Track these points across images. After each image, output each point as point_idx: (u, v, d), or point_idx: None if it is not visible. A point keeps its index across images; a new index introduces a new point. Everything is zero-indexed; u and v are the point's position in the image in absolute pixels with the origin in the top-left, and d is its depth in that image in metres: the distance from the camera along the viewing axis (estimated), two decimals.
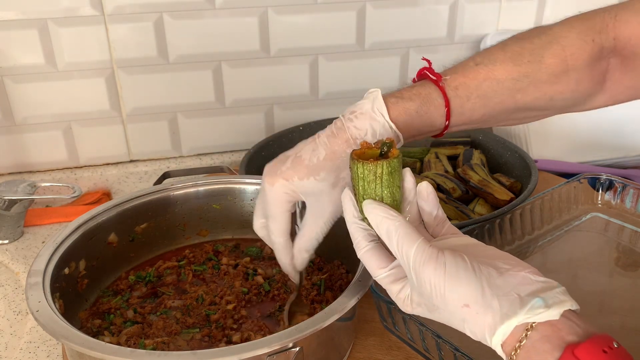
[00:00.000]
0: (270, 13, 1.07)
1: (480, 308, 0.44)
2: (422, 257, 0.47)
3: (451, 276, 0.45)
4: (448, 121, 0.61)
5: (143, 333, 0.65)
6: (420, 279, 0.47)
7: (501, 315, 0.43)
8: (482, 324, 0.44)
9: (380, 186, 0.51)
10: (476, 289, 0.45)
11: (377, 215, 0.50)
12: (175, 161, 1.13)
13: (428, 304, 0.48)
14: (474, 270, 0.46)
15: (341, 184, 0.58)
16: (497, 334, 0.44)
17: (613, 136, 1.14)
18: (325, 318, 0.55)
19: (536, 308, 0.43)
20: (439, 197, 0.89)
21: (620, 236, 0.88)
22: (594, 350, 0.40)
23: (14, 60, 0.99)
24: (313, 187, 0.58)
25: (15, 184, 0.92)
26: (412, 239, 0.48)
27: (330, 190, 0.58)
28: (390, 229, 0.49)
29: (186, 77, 1.08)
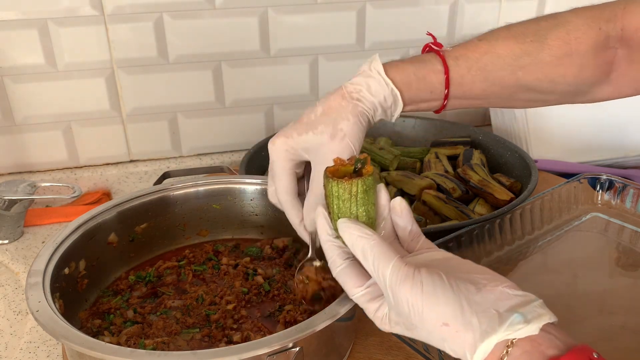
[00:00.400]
0: (270, 13, 1.07)
1: (459, 326, 0.44)
2: (398, 277, 0.46)
3: (429, 295, 0.45)
4: (447, 89, 0.62)
5: (143, 333, 0.65)
6: (397, 298, 0.46)
7: (481, 332, 0.43)
8: (462, 342, 0.44)
9: (355, 205, 0.51)
10: (455, 307, 0.44)
11: (351, 234, 0.50)
12: (175, 161, 1.13)
13: (406, 323, 0.48)
14: (451, 288, 0.45)
15: (340, 135, 0.59)
16: (477, 353, 0.43)
17: (613, 136, 1.14)
18: (325, 318, 0.55)
19: (515, 324, 0.43)
20: (439, 197, 0.90)
21: (620, 236, 0.88)
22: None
23: (14, 60, 0.99)
24: (312, 141, 0.60)
25: (15, 184, 0.92)
26: (387, 257, 0.47)
27: (329, 141, 0.59)
28: (366, 248, 0.49)
29: (186, 77, 1.08)
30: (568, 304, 0.74)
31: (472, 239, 0.80)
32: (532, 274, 0.80)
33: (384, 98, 0.61)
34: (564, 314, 0.72)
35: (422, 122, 1.16)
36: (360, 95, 0.60)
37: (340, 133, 0.59)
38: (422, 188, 0.94)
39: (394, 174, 0.99)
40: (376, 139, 1.14)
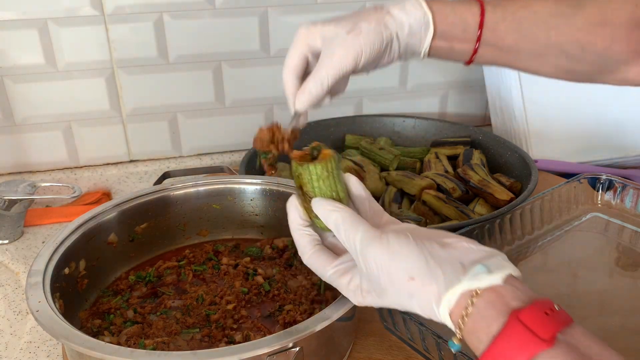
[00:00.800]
0: (270, 13, 1.07)
1: (425, 279, 0.46)
2: (366, 239, 0.49)
3: (395, 252, 0.48)
4: (480, 31, 0.62)
5: (143, 333, 0.65)
6: (366, 261, 0.49)
7: (445, 283, 0.45)
8: (428, 295, 0.46)
9: (334, 181, 0.55)
10: (420, 261, 0.47)
11: (325, 208, 0.53)
12: (175, 161, 1.14)
13: (377, 289, 0.50)
14: (417, 245, 0.48)
15: (356, 31, 0.60)
16: (443, 303, 0.45)
17: (613, 136, 1.14)
18: (325, 318, 0.55)
19: (479, 274, 0.45)
20: (439, 197, 0.90)
21: (620, 236, 0.88)
22: (537, 314, 0.41)
23: (14, 60, 0.99)
24: (331, 31, 0.61)
25: (15, 184, 0.92)
26: (357, 224, 0.51)
27: (345, 35, 0.60)
28: (338, 219, 0.52)
29: (186, 77, 1.08)
30: (568, 304, 0.74)
31: (472, 239, 0.80)
32: (532, 274, 0.80)
33: (414, 19, 0.61)
34: None
35: (422, 122, 1.16)
36: (392, 10, 0.62)
37: (357, 30, 0.60)
38: (422, 188, 0.94)
39: (394, 174, 0.99)
40: (376, 139, 1.14)
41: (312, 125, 1.13)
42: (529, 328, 0.41)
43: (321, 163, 0.54)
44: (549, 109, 1.14)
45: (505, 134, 1.18)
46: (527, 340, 0.40)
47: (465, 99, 1.28)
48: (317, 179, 0.54)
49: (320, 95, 0.61)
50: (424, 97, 1.25)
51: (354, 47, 0.59)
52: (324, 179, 0.54)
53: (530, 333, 0.40)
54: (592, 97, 1.14)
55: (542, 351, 0.40)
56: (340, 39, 0.60)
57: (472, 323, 0.44)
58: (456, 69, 1.23)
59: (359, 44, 0.59)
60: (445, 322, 0.46)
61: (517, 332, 0.41)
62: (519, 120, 1.14)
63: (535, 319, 0.41)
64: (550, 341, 0.40)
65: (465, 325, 0.44)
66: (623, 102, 1.15)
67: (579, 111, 1.14)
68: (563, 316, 0.42)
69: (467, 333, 0.44)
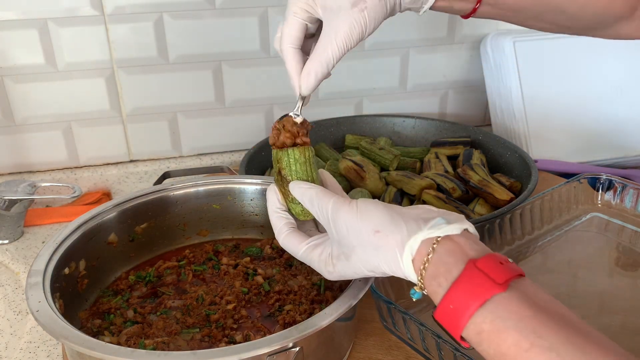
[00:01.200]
0: (270, 13, 1.07)
1: (389, 231, 0.50)
2: (337, 205, 0.54)
3: (362, 211, 0.52)
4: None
5: (143, 333, 0.65)
6: (337, 224, 0.53)
7: (408, 232, 0.49)
8: (392, 244, 0.50)
9: (310, 167, 0.60)
10: (384, 216, 0.51)
11: (301, 187, 0.58)
12: (175, 161, 1.14)
13: (346, 251, 0.54)
14: (383, 205, 0.53)
15: (361, 5, 0.57)
16: (405, 250, 0.49)
17: (613, 136, 1.14)
18: (325, 318, 0.55)
19: (438, 224, 0.49)
20: (439, 197, 0.90)
21: (620, 236, 0.88)
22: (492, 263, 0.45)
23: (14, 60, 0.99)
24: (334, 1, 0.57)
25: (15, 184, 0.92)
26: (329, 196, 0.56)
27: (349, 9, 0.57)
28: (312, 195, 0.57)
29: (186, 77, 1.08)
30: (568, 304, 0.74)
31: None
32: (532, 274, 0.80)
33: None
34: None
35: (422, 122, 1.16)
36: None
37: (362, 4, 0.57)
38: (422, 188, 0.94)
39: (394, 174, 0.99)
40: (376, 139, 1.14)
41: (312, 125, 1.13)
42: (486, 273, 0.44)
43: (299, 149, 0.59)
44: (549, 109, 1.14)
45: (505, 134, 1.18)
46: (484, 284, 0.44)
47: (465, 99, 1.28)
48: (295, 162, 0.59)
49: (325, 76, 0.60)
50: (424, 97, 1.25)
51: (359, 24, 0.57)
52: (301, 163, 0.59)
53: (486, 277, 0.44)
54: (592, 96, 1.14)
55: (496, 294, 0.43)
56: (344, 12, 0.57)
57: (433, 269, 0.47)
58: (456, 69, 1.23)
59: (364, 19, 0.57)
60: (408, 272, 0.50)
61: (475, 276, 0.45)
62: (519, 120, 1.14)
63: (491, 266, 0.45)
64: (504, 286, 0.44)
65: (427, 272, 0.48)
66: (623, 102, 1.15)
67: (579, 111, 1.14)
68: (515, 268, 0.46)
69: (429, 279, 0.48)
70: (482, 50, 1.20)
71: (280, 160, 0.60)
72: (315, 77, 0.59)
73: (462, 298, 0.44)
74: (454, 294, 0.45)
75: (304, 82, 0.60)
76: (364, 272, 0.54)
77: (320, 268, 0.57)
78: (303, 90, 0.60)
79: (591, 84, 1.14)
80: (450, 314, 0.45)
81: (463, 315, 0.44)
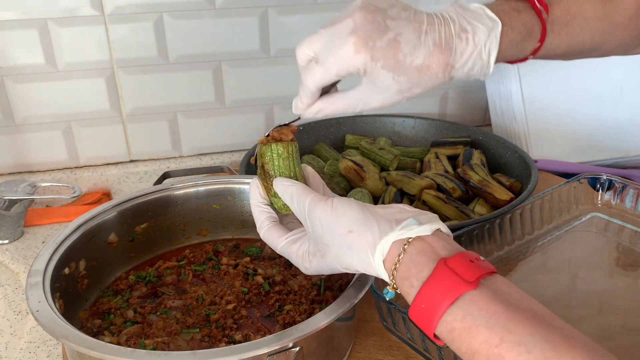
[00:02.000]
0: (270, 13, 1.07)
1: (362, 230, 0.51)
2: (313, 202, 0.55)
3: (337, 209, 0.53)
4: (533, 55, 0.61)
5: (143, 333, 0.65)
6: (312, 220, 0.54)
7: (380, 232, 0.50)
8: (364, 244, 0.51)
9: (293, 163, 0.61)
10: (358, 215, 0.52)
11: (283, 184, 0.59)
12: (175, 161, 1.13)
13: (321, 248, 0.54)
14: (357, 204, 0.53)
15: (406, 94, 0.56)
16: (377, 250, 0.50)
17: (613, 136, 1.14)
18: (325, 318, 0.55)
19: (410, 225, 0.50)
20: (439, 197, 0.90)
21: (620, 236, 0.88)
22: (463, 261, 0.46)
23: (14, 60, 0.99)
24: (384, 81, 0.54)
25: (15, 184, 0.92)
26: (308, 192, 0.57)
27: (394, 94, 0.56)
28: (293, 192, 0.58)
29: (186, 77, 1.08)
30: (568, 304, 0.74)
31: (472, 239, 0.80)
32: (532, 274, 0.80)
33: (479, 67, 0.56)
34: (564, 314, 0.72)
35: (422, 122, 1.16)
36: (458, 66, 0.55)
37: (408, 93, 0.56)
38: (422, 188, 0.94)
39: (394, 174, 0.99)
40: (376, 139, 1.14)
41: (312, 125, 1.13)
42: (456, 272, 0.45)
43: (282, 143, 0.60)
44: (549, 109, 1.14)
45: (505, 134, 1.18)
46: (454, 282, 0.45)
47: (465, 99, 1.28)
48: (278, 157, 0.60)
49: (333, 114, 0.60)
50: (424, 97, 1.25)
51: (392, 102, 0.57)
52: (284, 158, 0.60)
53: (456, 276, 0.45)
54: (592, 97, 1.14)
55: (466, 292, 0.44)
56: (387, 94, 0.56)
57: (404, 269, 0.48)
58: None
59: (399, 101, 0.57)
60: (380, 272, 0.50)
61: (445, 275, 0.45)
62: (519, 120, 1.14)
63: (461, 265, 0.46)
64: (474, 283, 0.44)
65: (398, 272, 0.48)
66: (623, 102, 1.15)
67: (579, 111, 1.14)
68: (487, 265, 0.47)
69: (400, 279, 0.48)
70: None
71: (263, 154, 0.61)
72: (322, 116, 0.61)
73: (433, 297, 0.45)
74: (425, 294, 0.46)
75: (310, 113, 0.61)
76: (339, 269, 0.55)
77: (298, 263, 0.58)
78: (305, 116, 0.62)
79: (591, 84, 1.14)
80: (422, 313, 0.46)
81: (435, 314, 0.45)
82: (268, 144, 0.61)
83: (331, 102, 0.59)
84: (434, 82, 0.56)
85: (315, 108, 0.60)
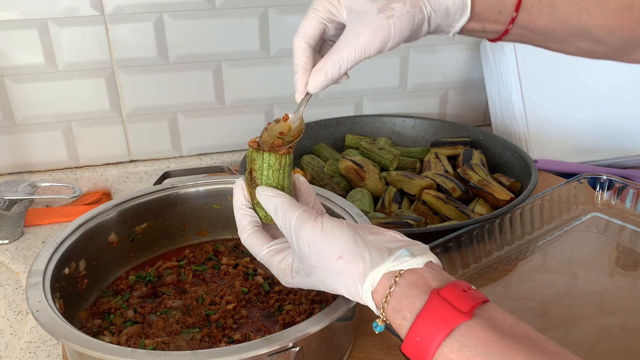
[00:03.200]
0: (270, 13, 1.07)
1: (352, 258, 0.49)
2: (301, 219, 0.52)
3: (327, 232, 0.51)
4: (517, 13, 0.59)
5: (143, 333, 0.65)
6: (299, 239, 0.52)
7: (371, 263, 0.49)
8: (354, 273, 0.49)
9: (283, 175, 0.57)
10: (350, 242, 0.50)
11: (267, 195, 0.56)
12: (175, 161, 1.14)
13: (306, 268, 0.53)
14: (348, 228, 0.51)
15: (388, 11, 0.55)
16: (367, 281, 0.48)
17: (613, 136, 1.14)
18: (325, 318, 0.55)
19: (402, 257, 0.48)
20: (439, 197, 0.90)
21: (620, 236, 0.88)
22: (456, 291, 0.45)
23: (14, 60, 0.99)
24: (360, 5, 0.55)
25: (15, 184, 0.92)
26: (294, 208, 0.54)
27: (375, 14, 0.55)
28: (277, 204, 0.55)
29: (186, 77, 1.08)
30: (568, 304, 0.74)
31: (472, 239, 0.80)
32: (532, 274, 0.80)
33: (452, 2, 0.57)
34: (564, 314, 0.72)
35: (422, 122, 1.16)
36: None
37: (389, 11, 0.55)
38: (422, 188, 0.94)
39: (394, 174, 0.99)
40: (376, 139, 1.14)
41: (312, 125, 1.13)
42: (450, 303, 0.44)
43: (276, 154, 0.56)
44: (549, 109, 1.14)
45: (505, 134, 1.18)
46: (449, 313, 0.44)
47: (465, 99, 1.28)
48: (268, 167, 0.57)
49: (336, 79, 0.57)
50: (424, 97, 1.25)
51: (383, 31, 0.55)
52: (275, 170, 0.57)
53: (451, 307, 0.44)
54: (592, 97, 1.14)
55: (462, 322, 0.43)
56: (369, 17, 0.55)
57: (395, 302, 0.47)
58: (456, 68, 1.23)
59: (389, 28, 0.55)
60: (368, 302, 0.49)
61: (439, 306, 0.44)
62: (519, 120, 1.14)
63: (454, 295, 0.45)
64: (469, 314, 0.43)
65: (389, 305, 0.47)
66: (623, 102, 1.15)
67: (579, 111, 1.14)
68: (479, 295, 0.46)
69: (392, 312, 0.47)
70: (482, 50, 1.20)
71: (253, 161, 0.57)
72: (325, 76, 0.57)
73: (427, 329, 0.44)
74: (419, 326, 0.44)
75: (313, 79, 0.57)
76: (321, 289, 0.54)
77: (279, 275, 0.56)
78: (311, 87, 0.58)
79: (591, 84, 1.14)
80: (417, 347, 0.44)
81: (430, 346, 0.43)
82: (260, 152, 0.57)
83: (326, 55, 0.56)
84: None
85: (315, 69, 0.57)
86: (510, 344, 0.41)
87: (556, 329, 0.69)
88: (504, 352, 0.41)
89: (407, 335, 0.45)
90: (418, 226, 0.85)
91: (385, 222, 0.85)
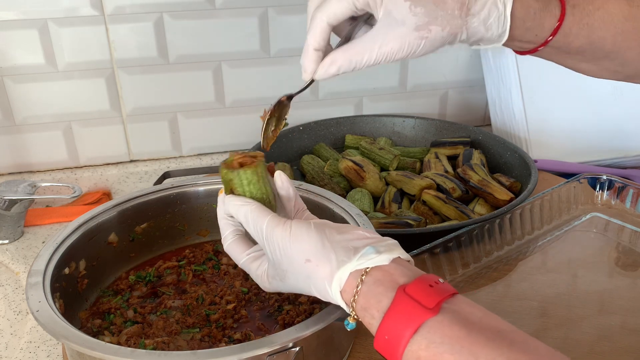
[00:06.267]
0: (270, 13, 1.07)
1: (319, 261, 0.50)
2: (271, 225, 0.52)
3: (295, 236, 0.51)
4: (552, 37, 0.58)
5: (143, 333, 0.65)
6: (271, 245, 0.52)
7: (337, 263, 0.49)
8: (322, 275, 0.49)
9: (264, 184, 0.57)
10: (317, 244, 0.50)
11: (234, 204, 0.56)
12: (175, 161, 1.14)
13: (280, 273, 0.53)
14: (315, 230, 0.51)
15: (425, 31, 0.53)
16: (334, 282, 0.48)
17: (613, 136, 1.14)
18: (325, 318, 0.55)
19: (368, 254, 0.48)
20: (439, 197, 0.90)
21: (620, 236, 0.88)
22: (422, 286, 0.45)
23: (14, 60, 0.99)
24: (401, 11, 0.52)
25: (15, 184, 0.92)
26: (264, 214, 0.54)
27: (410, 31, 0.53)
28: (247, 213, 0.54)
29: (186, 77, 1.08)
30: (568, 304, 0.74)
31: (472, 239, 0.80)
32: (532, 274, 0.80)
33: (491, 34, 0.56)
34: (564, 314, 0.72)
35: (422, 122, 1.16)
36: (473, 22, 0.55)
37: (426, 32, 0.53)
38: (422, 188, 0.94)
39: (394, 174, 0.99)
40: (376, 139, 1.14)
41: (312, 125, 1.13)
42: (415, 299, 0.44)
43: (251, 168, 0.56)
44: (549, 109, 1.14)
45: (505, 134, 1.18)
46: (414, 310, 0.44)
47: (465, 99, 1.28)
48: (248, 183, 0.56)
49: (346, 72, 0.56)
50: (424, 97, 1.25)
51: (410, 48, 0.54)
52: (255, 182, 0.56)
53: (416, 304, 0.44)
54: (592, 97, 1.14)
55: (428, 319, 0.43)
56: (403, 31, 0.53)
57: (363, 300, 0.47)
58: (456, 68, 1.23)
59: (418, 47, 0.54)
60: (338, 302, 0.49)
61: (405, 304, 0.44)
62: (518, 120, 1.14)
63: (420, 291, 0.45)
64: (435, 309, 0.43)
65: (357, 303, 0.47)
66: (623, 102, 1.15)
67: (579, 111, 1.14)
68: (447, 288, 0.46)
69: (361, 311, 0.47)
70: (482, 50, 1.20)
71: (231, 182, 0.57)
72: (337, 71, 0.55)
73: (395, 328, 0.44)
74: (387, 325, 0.45)
75: (322, 69, 0.56)
76: (297, 292, 0.54)
77: (257, 281, 0.57)
78: (317, 75, 0.56)
79: (591, 84, 1.14)
80: (387, 345, 0.45)
81: (399, 345, 0.44)
82: (235, 171, 0.56)
83: (345, 50, 0.54)
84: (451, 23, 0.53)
85: (329, 60, 0.55)
86: (478, 338, 0.42)
87: (556, 329, 0.69)
88: (472, 346, 0.41)
89: (376, 334, 0.46)
90: (418, 226, 0.85)
91: (385, 222, 0.85)
